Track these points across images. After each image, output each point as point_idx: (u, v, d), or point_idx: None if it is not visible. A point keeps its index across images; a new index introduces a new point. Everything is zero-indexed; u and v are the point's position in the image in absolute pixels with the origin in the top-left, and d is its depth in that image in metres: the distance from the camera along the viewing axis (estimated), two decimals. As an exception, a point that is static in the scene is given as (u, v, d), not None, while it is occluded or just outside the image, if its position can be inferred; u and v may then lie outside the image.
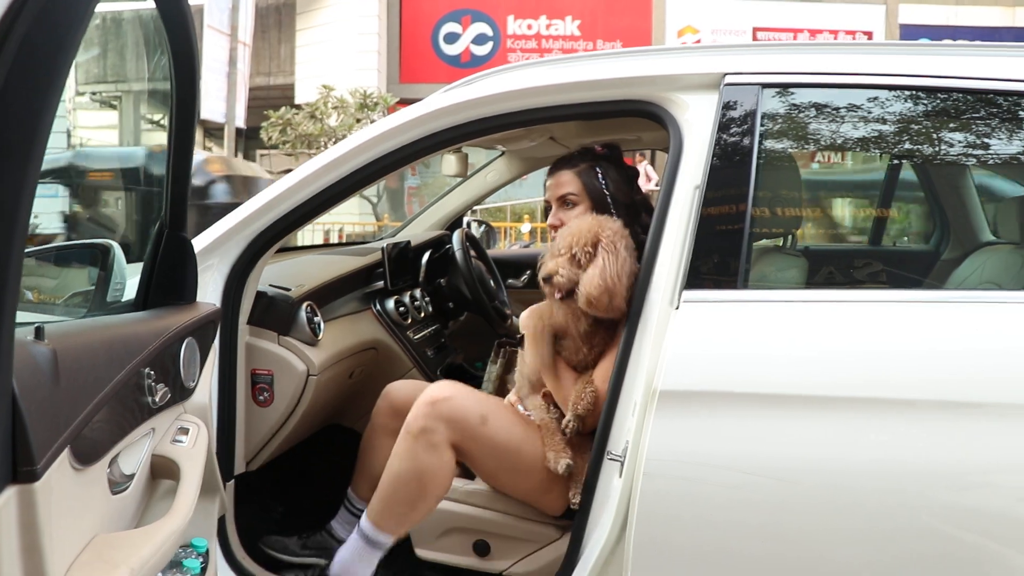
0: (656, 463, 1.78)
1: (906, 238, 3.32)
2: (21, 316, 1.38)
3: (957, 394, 1.73)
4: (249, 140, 19.90)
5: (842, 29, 18.08)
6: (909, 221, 3.28)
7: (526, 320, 2.27)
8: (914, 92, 2.00)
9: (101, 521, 1.44)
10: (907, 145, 2.15)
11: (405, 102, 17.52)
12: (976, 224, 2.86)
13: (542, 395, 2.26)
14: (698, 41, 18.02)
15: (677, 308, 1.84)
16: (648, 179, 15.80)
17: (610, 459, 1.93)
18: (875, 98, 2.00)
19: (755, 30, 18.10)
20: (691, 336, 1.82)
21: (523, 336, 2.29)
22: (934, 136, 2.12)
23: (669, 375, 1.78)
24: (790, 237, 2.34)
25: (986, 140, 2.03)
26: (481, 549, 2.30)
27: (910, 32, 18.01)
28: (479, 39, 18.25)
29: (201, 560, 1.87)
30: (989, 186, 2.83)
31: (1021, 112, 1.96)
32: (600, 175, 2.36)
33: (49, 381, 1.22)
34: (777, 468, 1.76)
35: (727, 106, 1.94)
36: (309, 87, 17.54)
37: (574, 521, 2.01)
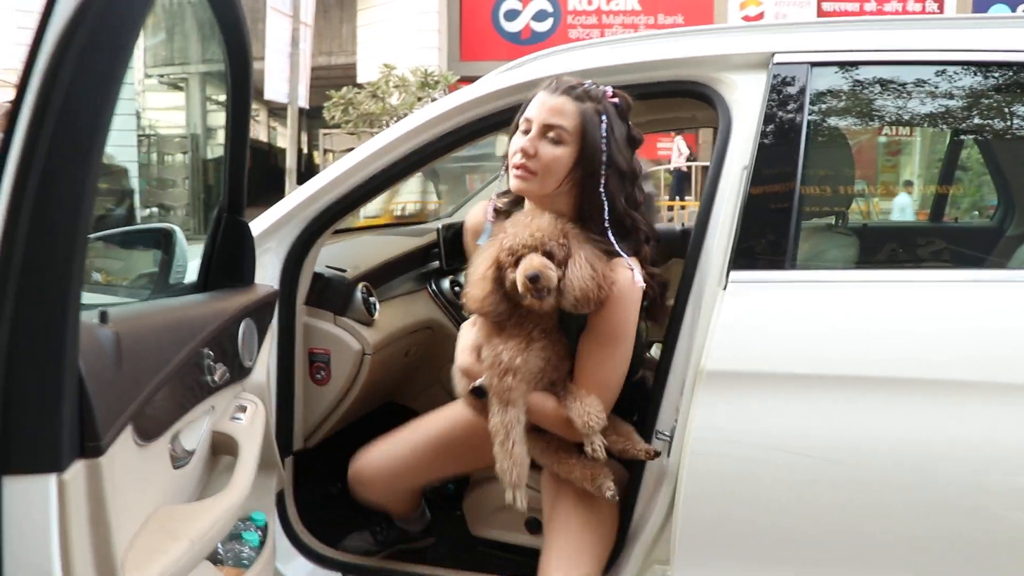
0: (703, 442, 1.80)
1: (969, 215, 3.25)
2: (90, 298, 1.46)
3: (1015, 376, 1.71)
4: (312, 119, 20.12)
5: (911, -2, 17.56)
6: (967, 198, 3.21)
7: (476, 373, 2.04)
8: (968, 67, 1.96)
9: (163, 494, 1.52)
10: (962, 121, 2.12)
11: (466, 80, 17.53)
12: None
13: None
14: (761, 15, 17.67)
15: (725, 288, 1.85)
16: (680, 153, 15.51)
17: (658, 438, 1.95)
18: (928, 74, 1.98)
19: (819, 2, 17.67)
20: (739, 316, 1.82)
21: (476, 388, 2.05)
22: (990, 111, 2.09)
23: (716, 355, 1.80)
24: (840, 216, 2.32)
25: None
26: (534, 526, 2.34)
27: (983, 0, 17.41)
28: (539, 15, 18.14)
29: (260, 533, 1.94)
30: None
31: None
32: (604, 125, 1.93)
33: (112, 362, 1.30)
34: (825, 448, 1.76)
35: (776, 85, 1.93)
36: (371, 66, 17.65)
37: (624, 500, 2.04)
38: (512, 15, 18.20)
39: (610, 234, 1.93)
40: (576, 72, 2.11)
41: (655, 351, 2.40)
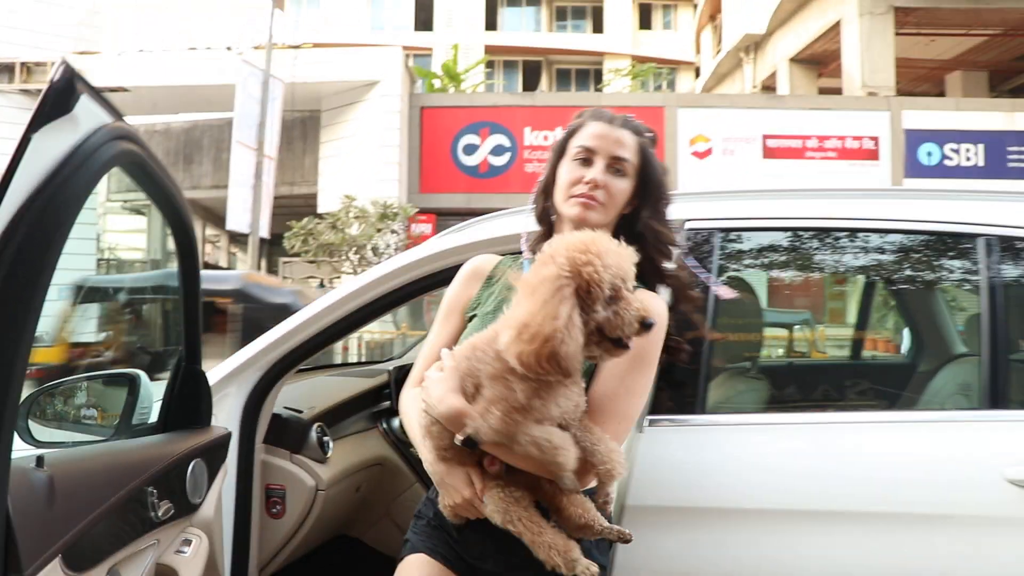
0: (628, 571, 1.96)
1: (866, 357, 3.52)
2: (59, 434, 1.64)
3: (907, 506, 1.93)
4: (272, 247, 20.43)
5: (849, 135, 18.52)
6: (864, 343, 3.50)
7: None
8: (853, 233, 2.25)
9: None
10: (852, 277, 2.38)
11: (425, 211, 18.00)
12: (946, 339, 3.06)
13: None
14: (709, 151, 18.50)
15: (642, 431, 2.05)
16: None
17: None
18: (819, 238, 2.26)
19: (765, 137, 18.57)
20: (655, 456, 2.02)
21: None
22: (892, 266, 2.38)
23: (637, 492, 1.98)
24: (749, 362, 2.56)
25: (905, 271, 2.27)
26: None
27: (915, 137, 18.42)
28: (497, 150, 18.80)
29: (207, 666, 2.06)
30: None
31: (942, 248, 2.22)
32: (654, 160, 1.92)
33: (43, 501, 1.49)
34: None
35: (688, 247, 2.18)
36: (332, 196, 18.07)
37: None
38: (471, 149, 18.84)
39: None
40: (515, 234, 2.31)
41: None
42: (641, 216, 1.89)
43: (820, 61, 22.54)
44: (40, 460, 1.54)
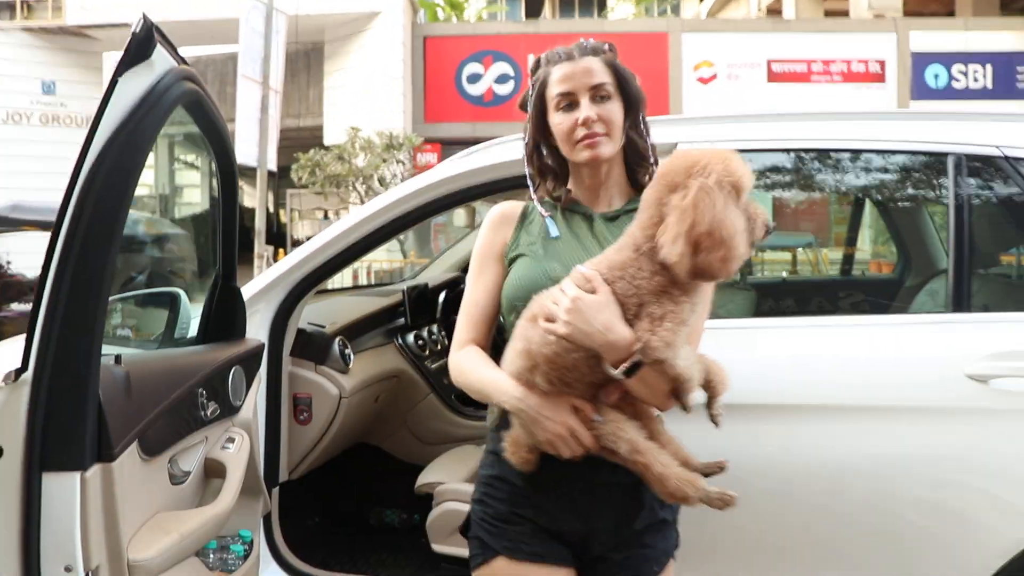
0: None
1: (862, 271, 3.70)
2: (110, 347, 1.90)
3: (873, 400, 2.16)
4: (279, 179, 20.51)
5: (854, 58, 18.39)
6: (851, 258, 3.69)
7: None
8: (833, 153, 2.42)
9: (162, 503, 1.95)
10: (831, 195, 2.54)
11: (431, 141, 18.04)
12: (932, 254, 3.25)
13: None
14: (714, 76, 18.42)
15: None
16: None
17: None
18: (803, 159, 2.43)
19: (769, 62, 18.45)
20: None
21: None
22: (884, 187, 2.55)
23: None
24: (739, 274, 2.75)
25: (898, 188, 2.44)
26: None
27: (922, 59, 18.29)
28: (501, 79, 18.74)
29: (245, 547, 2.33)
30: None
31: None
32: (626, 73, 1.91)
33: (123, 393, 1.76)
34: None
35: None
36: (337, 128, 18.10)
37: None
38: (475, 78, 18.78)
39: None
40: (520, 159, 2.47)
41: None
42: (630, 132, 1.91)
43: (827, -17, 22.27)
44: (118, 358, 1.79)
